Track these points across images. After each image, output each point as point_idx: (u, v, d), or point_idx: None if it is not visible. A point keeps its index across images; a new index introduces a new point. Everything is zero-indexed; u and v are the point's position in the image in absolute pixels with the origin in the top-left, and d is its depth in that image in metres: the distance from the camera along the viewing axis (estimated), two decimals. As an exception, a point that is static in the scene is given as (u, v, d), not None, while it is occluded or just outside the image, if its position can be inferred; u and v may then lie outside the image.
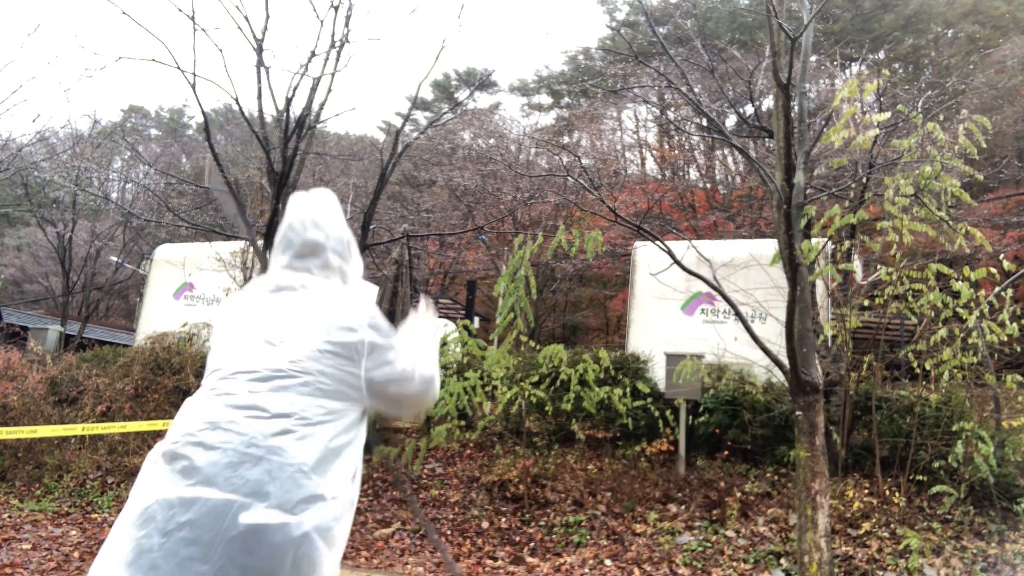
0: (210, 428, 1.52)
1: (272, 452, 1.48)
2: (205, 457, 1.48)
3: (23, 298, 23.74)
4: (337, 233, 1.92)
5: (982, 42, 20.36)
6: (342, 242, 1.92)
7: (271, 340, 1.67)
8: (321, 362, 1.64)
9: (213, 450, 1.48)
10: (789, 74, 4.79)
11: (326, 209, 1.95)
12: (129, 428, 6.98)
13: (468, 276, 19.74)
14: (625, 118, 24.39)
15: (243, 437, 1.50)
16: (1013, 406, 6.44)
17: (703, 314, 9.58)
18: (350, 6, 7.60)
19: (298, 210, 1.93)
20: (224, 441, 1.49)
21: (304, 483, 1.48)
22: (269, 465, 1.46)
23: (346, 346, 1.68)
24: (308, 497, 1.48)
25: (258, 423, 1.52)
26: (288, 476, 1.47)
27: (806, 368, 4.54)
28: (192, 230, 12.97)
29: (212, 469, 1.46)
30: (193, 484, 1.45)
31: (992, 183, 14.08)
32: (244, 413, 1.54)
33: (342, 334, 1.69)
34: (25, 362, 9.63)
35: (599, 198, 6.75)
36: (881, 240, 5.13)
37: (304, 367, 1.62)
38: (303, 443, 1.53)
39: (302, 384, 1.60)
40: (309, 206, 1.94)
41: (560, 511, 6.83)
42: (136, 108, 31.87)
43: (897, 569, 5.26)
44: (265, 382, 1.59)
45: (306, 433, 1.54)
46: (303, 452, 1.51)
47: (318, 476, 1.51)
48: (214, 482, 1.44)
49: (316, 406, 1.59)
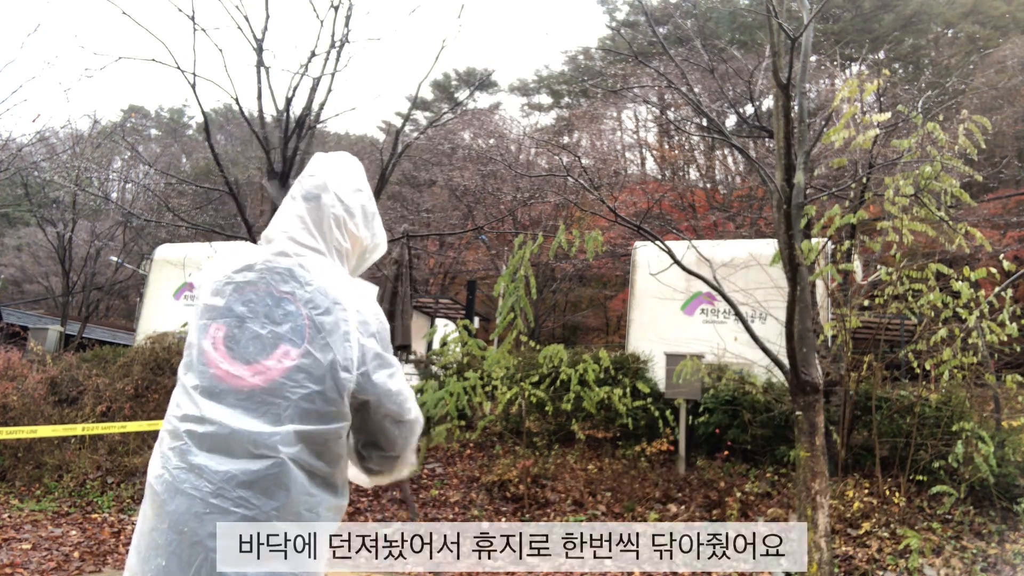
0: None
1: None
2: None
3: (23, 298, 23.75)
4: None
5: (982, 42, 20.37)
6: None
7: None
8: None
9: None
10: (789, 74, 4.79)
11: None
12: (129, 428, 6.98)
13: (468, 276, 19.74)
14: (625, 118, 24.41)
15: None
16: (1013, 406, 6.44)
17: (703, 314, 9.57)
18: (350, 6, 7.60)
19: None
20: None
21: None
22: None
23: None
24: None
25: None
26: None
27: (806, 368, 4.54)
28: (192, 230, 12.97)
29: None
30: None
31: (992, 183, 14.08)
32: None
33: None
34: (25, 362, 9.63)
35: (599, 198, 6.74)
36: (881, 240, 5.13)
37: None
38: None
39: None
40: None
41: (560, 511, 6.83)
42: (136, 108, 31.87)
43: (897, 569, 5.26)
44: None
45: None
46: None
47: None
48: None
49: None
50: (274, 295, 1.55)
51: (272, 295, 1.55)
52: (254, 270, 1.59)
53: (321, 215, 1.66)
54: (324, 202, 1.67)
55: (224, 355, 1.52)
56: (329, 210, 1.67)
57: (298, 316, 1.53)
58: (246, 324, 1.53)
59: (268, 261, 1.59)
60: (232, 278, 1.59)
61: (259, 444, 1.43)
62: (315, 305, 1.54)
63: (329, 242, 1.66)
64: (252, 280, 1.58)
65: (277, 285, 1.56)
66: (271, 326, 1.52)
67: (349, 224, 1.70)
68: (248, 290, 1.57)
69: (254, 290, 1.56)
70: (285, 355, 1.50)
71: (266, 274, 1.58)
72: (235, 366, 1.51)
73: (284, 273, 1.57)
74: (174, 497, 1.43)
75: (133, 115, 29.47)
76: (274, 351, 1.50)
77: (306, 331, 1.51)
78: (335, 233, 1.67)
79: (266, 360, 1.50)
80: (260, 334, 1.52)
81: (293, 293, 1.55)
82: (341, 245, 1.68)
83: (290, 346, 1.50)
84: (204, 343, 1.54)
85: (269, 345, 1.51)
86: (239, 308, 1.55)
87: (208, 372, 1.51)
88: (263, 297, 1.55)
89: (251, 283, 1.57)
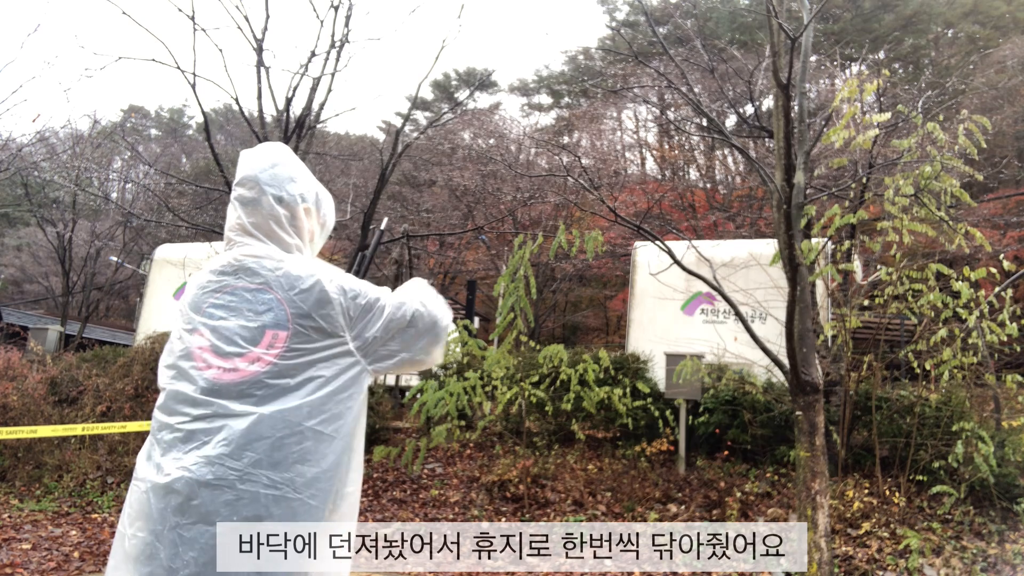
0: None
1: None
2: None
3: (23, 298, 23.74)
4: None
5: (982, 42, 20.37)
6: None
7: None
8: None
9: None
10: (789, 74, 4.79)
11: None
12: (129, 428, 6.98)
13: (468, 276, 19.73)
14: (625, 118, 24.41)
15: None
16: (1013, 406, 6.44)
17: (703, 314, 9.57)
18: (350, 6, 7.61)
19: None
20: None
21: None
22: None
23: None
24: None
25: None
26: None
27: (806, 368, 4.54)
28: (192, 230, 12.97)
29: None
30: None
31: (992, 183, 14.08)
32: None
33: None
34: (25, 362, 9.63)
35: (599, 198, 6.75)
36: (881, 240, 5.13)
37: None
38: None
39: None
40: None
41: (560, 511, 6.83)
42: (136, 108, 31.89)
43: (897, 569, 5.26)
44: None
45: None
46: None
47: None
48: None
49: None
50: (249, 288, 1.61)
51: (248, 289, 1.61)
52: (226, 272, 1.65)
53: (262, 218, 1.69)
54: (262, 205, 1.69)
55: (213, 354, 1.56)
56: (268, 212, 1.69)
57: (275, 302, 1.58)
58: (230, 321, 1.58)
59: (235, 260, 1.66)
60: (207, 286, 1.66)
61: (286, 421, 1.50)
62: (289, 286, 1.59)
63: (276, 241, 1.69)
64: (227, 282, 1.64)
65: (250, 279, 1.62)
66: (255, 317, 1.58)
67: (294, 220, 1.72)
68: (225, 291, 1.63)
69: (231, 289, 1.62)
70: (275, 339, 1.54)
71: (239, 271, 1.64)
72: (229, 361, 1.54)
73: (252, 268, 1.64)
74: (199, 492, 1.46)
75: (133, 115, 29.49)
76: (262, 339, 1.55)
77: (287, 312, 1.57)
78: (279, 232, 1.69)
79: (257, 348, 1.54)
80: (247, 327, 1.57)
81: (267, 282, 1.61)
82: (289, 240, 1.71)
83: (277, 330, 1.55)
84: (192, 349, 1.59)
85: (258, 335, 1.55)
86: (219, 311, 1.61)
87: (202, 375, 1.55)
88: (240, 293, 1.61)
89: (226, 284, 1.63)
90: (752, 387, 7.35)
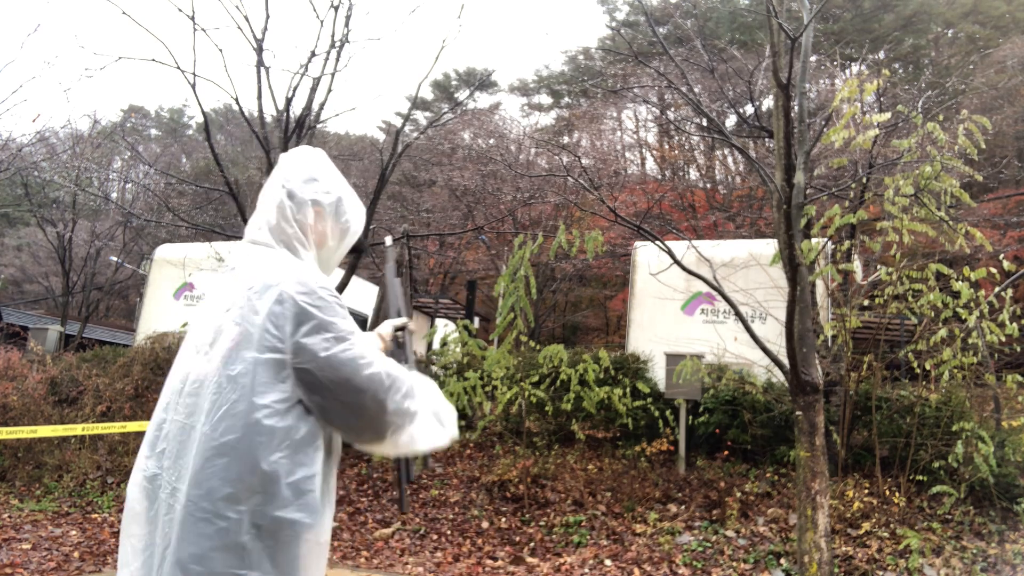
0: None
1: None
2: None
3: (23, 298, 23.75)
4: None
5: (982, 42, 20.38)
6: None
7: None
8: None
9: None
10: (789, 74, 4.79)
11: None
12: (129, 428, 6.98)
13: (468, 276, 19.73)
14: (625, 118, 24.41)
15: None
16: (1013, 406, 6.44)
17: (703, 314, 9.57)
18: (350, 6, 7.61)
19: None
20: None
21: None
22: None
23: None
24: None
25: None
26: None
27: (806, 368, 4.54)
28: (192, 230, 12.98)
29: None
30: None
31: (992, 183, 14.08)
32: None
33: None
34: (25, 362, 9.63)
35: (599, 198, 6.75)
36: (881, 240, 5.14)
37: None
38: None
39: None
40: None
41: (560, 511, 6.83)
42: (136, 108, 31.90)
43: (897, 569, 5.26)
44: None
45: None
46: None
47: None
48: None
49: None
50: (236, 284, 1.66)
51: (236, 285, 1.66)
52: (231, 267, 1.72)
53: (271, 208, 1.73)
54: (273, 195, 1.74)
55: (195, 350, 1.63)
56: (274, 203, 1.73)
57: (241, 298, 1.61)
58: (217, 317, 1.64)
59: (239, 254, 1.72)
60: (222, 278, 1.73)
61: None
62: (250, 286, 1.61)
63: (276, 235, 1.71)
64: (230, 277, 1.70)
65: (242, 275, 1.66)
66: (229, 315, 1.61)
67: (299, 214, 1.73)
68: (227, 286, 1.68)
69: (230, 284, 1.68)
70: (230, 337, 1.56)
71: (237, 267, 1.70)
72: (199, 359, 1.60)
73: (243, 263, 1.69)
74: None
75: (133, 115, 29.50)
76: (223, 336, 1.58)
77: (245, 310, 1.58)
78: (282, 225, 1.71)
79: (218, 345, 1.57)
80: (219, 324, 1.61)
81: (245, 279, 1.65)
82: (289, 236, 1.71)
83: (235, 327, 1.57)
84: (186, 346, 1.68)
85: (225, 332, 1.58)
86: (217, 305, 1.66)
87: (192, 370, 1.61)
88: (233, 288, 1.66)
89: (229, 280, 1.70)
90: (752, 387, 7.35)
